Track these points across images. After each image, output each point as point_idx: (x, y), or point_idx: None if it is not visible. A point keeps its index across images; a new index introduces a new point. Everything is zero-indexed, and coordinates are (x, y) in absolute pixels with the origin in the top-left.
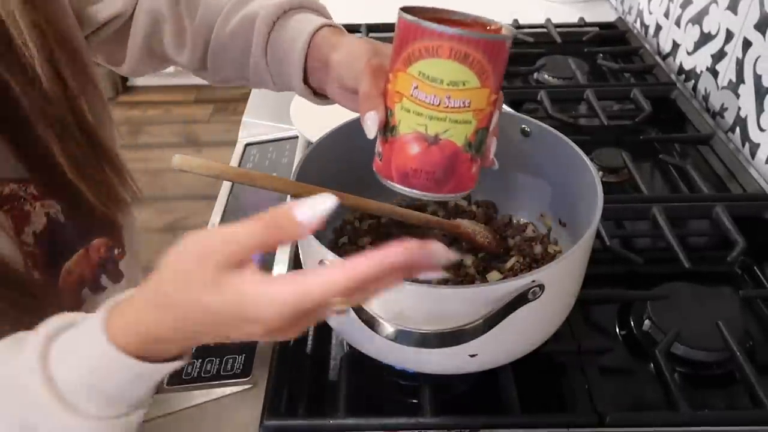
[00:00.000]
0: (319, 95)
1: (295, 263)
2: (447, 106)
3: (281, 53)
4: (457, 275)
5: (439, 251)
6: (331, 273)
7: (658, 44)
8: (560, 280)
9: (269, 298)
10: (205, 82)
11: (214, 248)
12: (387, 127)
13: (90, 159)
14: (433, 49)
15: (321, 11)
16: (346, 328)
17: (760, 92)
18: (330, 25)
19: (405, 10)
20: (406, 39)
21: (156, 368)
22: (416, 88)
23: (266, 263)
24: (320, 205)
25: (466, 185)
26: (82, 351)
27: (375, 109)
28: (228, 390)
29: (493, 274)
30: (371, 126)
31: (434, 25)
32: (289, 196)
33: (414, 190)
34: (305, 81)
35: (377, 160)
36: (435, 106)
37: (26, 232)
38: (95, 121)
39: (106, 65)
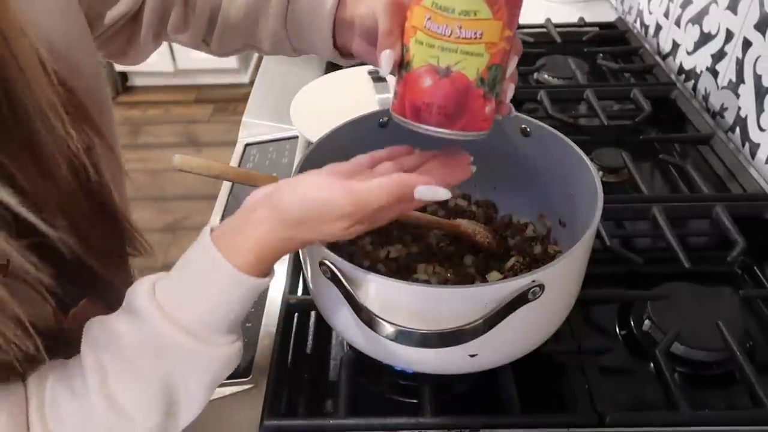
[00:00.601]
0: (346, 55)
1: (295, 263)
2: (459, 37)
3: (305, 20)
4: (457, 275)
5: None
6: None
7: (658, 44)
8: (560, 280)
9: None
10: (205, 82)
11: (336, 202)
12: (402, 64)
13: (102, 233)
14: None
15: None
16: (346, 328)
17: (760, 92)
18: None
19: None
20: None
21: (263, 282)
22: (429, 19)
23: None
24: (439, 194)
25: (479, 125)
26: (199, 282)
27: (391, 47)
28: (228, 390)
29: (493, 274)
30: (385, 64)
31: None
32: None
33: (427, 126)
34: (334, 44)
35: (394, 100)
36: (447, 37)
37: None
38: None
39: (107, 60)
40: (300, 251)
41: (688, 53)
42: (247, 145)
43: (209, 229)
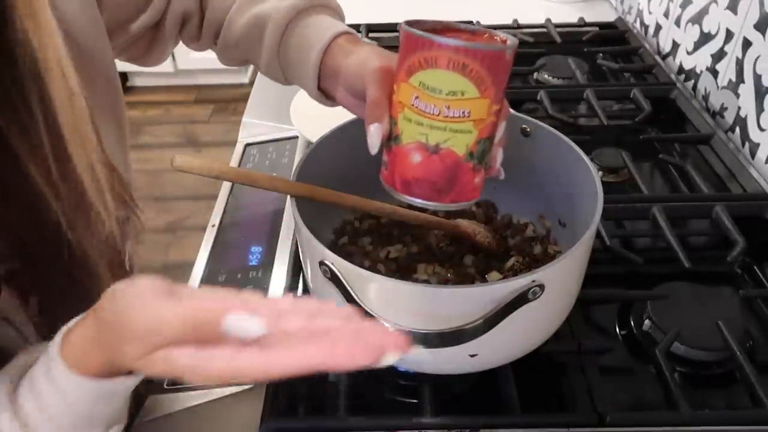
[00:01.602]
0: (330, 98)
1: (295, 263)
2: (447, 116)
3: (295, 58)
4: (457, 275)
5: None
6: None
7: (657, 44)
8: (560, 280)
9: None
10: (205, 82)
11: (137, 334)
12: (391, 137)
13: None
14: (431, 60)
15: (335, 9)
16: None
17: (760, 92)
18: (346, 32)
19: (409, 23)
20: (407, 50)
21: (113, 384)
22: (417, 98)
23: (266, 265)
24: (251, 326)
25: (469, 195)
26: (47, 386)
27: (379, 121)
28: (228, 390)
29: (493, 274)
30: (374, 138)
31: (433, 36)
32: (289, 196)
33: (417, 199)
34: (318, 86)
35: (383, 169)
36: (435, 116)
37: (31, 303)
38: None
39: (128, 62)
40: (300, 251)
41: (688, 53)
42: (247, 145)
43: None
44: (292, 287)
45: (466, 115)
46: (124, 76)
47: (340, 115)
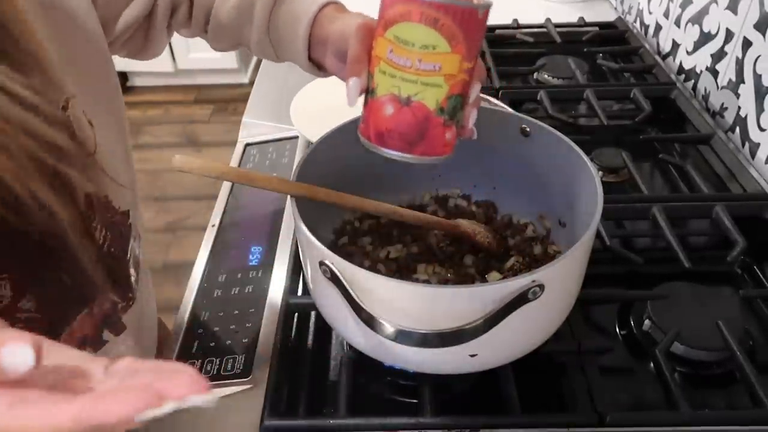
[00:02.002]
0: (322, 69)
1: (295, 263)
2: (418, 69)
3: (284, 34)
4: (457, 275)
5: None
6: None
7: (657, 44)
8: (560, 280)
9: None
10: (205, 82)
11: None
12: (368, 91)
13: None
14: (406, 14)
15: None
16: (346, 328)
17: (760, 92)
18: (333, 2)
19: None
20: (384, 5)
21: None
22: (391, 51)
23: (266, 265)
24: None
25: (439, 149)
26: None
27: (357, 75)
28: (228, 390)
29: (493, 274)
30: (352, 93)
31: None
32: (289, 196)
33: (389, 150)
34: (309, 57)
35: (360, 123)
36: (407, 69)
37: (27, 297)
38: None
39: (129, 57)
40: (300, 251)
41: (688, 53)
42: (247, 145)
43: None
44: (292, 287)
45: (437, 69)
46: (123, 76)
47: (340, 115)
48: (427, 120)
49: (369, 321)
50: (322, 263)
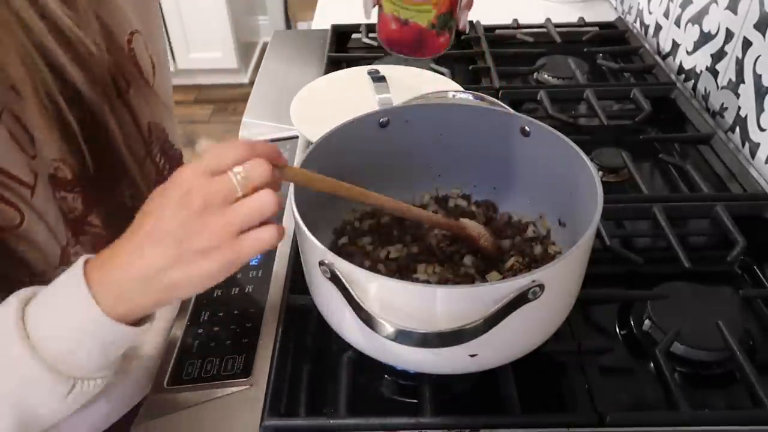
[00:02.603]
0: None
1: (296, 262)
2: (411, 2)
3: None
4: (457, 275)
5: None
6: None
7: (657, 44)
8: (560, 280)
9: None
10: (205, 82)
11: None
12: (380, 5)
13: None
14: None
15: None
16: (346, 328)
17: (760, 92)
18: None
19: None
20: None
21: (130, 331)
22: None
23: (267, 262)
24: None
25: (436, 50)
26: (62, 310)
27: None
28: (228, 390)
29: (493, 274)
30: (368, 5)
31: None
32: (291, 186)
33: (397, 54)
34: None
35: (377, 27)
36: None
37: (95, 213)
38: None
39: None
40: (300, 251)
41: (688, 53)
42: None
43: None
44: (292, 287)
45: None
46: None
47: (340, 115)
48: (422, 34)
49: (369, 321)
50: (322, 263)
